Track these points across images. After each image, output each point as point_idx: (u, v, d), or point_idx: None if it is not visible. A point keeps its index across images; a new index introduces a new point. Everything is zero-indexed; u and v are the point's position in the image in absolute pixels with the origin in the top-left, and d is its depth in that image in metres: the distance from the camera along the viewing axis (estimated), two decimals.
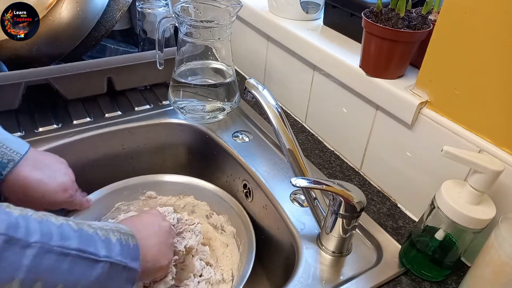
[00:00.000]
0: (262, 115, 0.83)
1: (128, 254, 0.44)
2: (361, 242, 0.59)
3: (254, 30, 0.90)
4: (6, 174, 0.52)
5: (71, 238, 0.39)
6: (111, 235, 0.44)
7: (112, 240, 0.43)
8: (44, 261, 0.36)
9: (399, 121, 0.61)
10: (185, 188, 0.72)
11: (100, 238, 0.42)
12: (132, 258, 0.45)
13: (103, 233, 0.43)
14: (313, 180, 0.51)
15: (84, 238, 0.40)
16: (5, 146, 0.52)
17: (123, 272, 0.43)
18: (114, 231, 0.45)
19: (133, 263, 0.44)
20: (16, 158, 0.53)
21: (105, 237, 0.43)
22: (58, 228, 0.38)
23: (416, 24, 0.57)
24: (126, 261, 0.43)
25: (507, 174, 0.48)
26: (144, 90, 0.88)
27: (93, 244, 0.41)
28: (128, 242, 0.45)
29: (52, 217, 0.40)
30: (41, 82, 0.72)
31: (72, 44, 0.75)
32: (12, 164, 0.52)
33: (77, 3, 0.72)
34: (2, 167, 0.51)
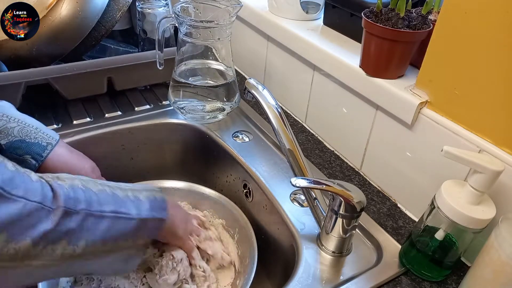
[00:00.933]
0: (262, 115, 0.83)
1: (156, 207, 0.50)
2: (361, 242, 0.59)
3: (254, 30, 0.90)
4: (46, 156, 0.58)
5: (107, 203, 0.45)
6: (139, 195, 0.49)
7: (141, 198, 0.49)
8: (87, 224, 0.42)
9: (399, 121, 0.61)
10: (183, 193, 0.72)
11: (130, 199, 0.48)
12: (159, 208, 0.50)
13: (133, 194, 0.49)
14: (313, 180, 0.51)
15: (118, 201, 0.46)
16: (42, 131, 0.59)
17: (153, 222, 0.49)
18: (141, 191, 0.50)
19: (160, 213, 0.50)
20: (53, 141, 0.59)
21: (135, 197, 0.48)
22: (96, 195, 0.44)
23: (416, 24, 0.57)
24: (155, 213, 0.49)
25: (507, 174, 0.48)
26: (144, 90, 0.88)
27: (124, 205, 0.46)
28: (155, 196, 0.51)
29: (92, 183, 0.46)
30: (41, 82, 0.72)
31: (72, 44, 0.75)
32: (50, 147, 0.58)
33: (77, 3, 0.72)
34: (42, 150, 0.57)
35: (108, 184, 0.48)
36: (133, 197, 0.49)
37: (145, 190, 0.51)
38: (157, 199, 0.51)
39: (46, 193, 0.39)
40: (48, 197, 0.39)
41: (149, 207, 0.49)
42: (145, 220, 0.48)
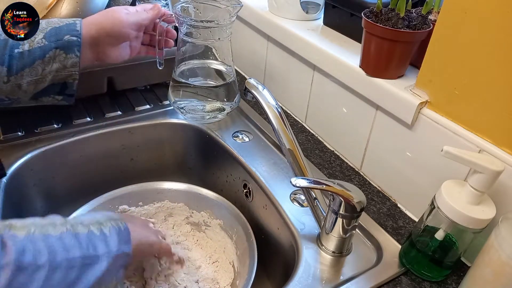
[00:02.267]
0: (262, 115, 0.83)
1: (122, 239, 0.45)
2: (361, 242, 0.59)
3: (254, 30, 0.90)
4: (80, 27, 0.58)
5: (73, 247, 0.39)
6: (103, 227, 0.44)
7: (106, 233, 0.44)
8: (54, 277, 0.37)
9: (399, 121, 0.61)
10: (180, 194, 0.72)
11: (95, 235, 0.43)
12: (125, 240, 0.46)
13: (96, 228, 0.44)
14: (313, 180, 0.51)
15: (84, 241, 0.41)
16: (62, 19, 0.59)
17: (121, 258, 0.45)
18: (105, 222, 0.45)
19: (127, 246, 0.45)
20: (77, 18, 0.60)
21: (100, 232, 0.43)
22: (59, 241, 0.39)
23: (416, 24, 0.57)
24: (122, 248, 0.45)
25: (507, 174, 0.48)
26: (144, 90, 0.88)
27: (92, 245, 0.41)
28: (119, 226, 0.46)
29: (51, 227, 0.40)
30: None
31: None
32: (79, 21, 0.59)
33: (77, 3, 0.72)
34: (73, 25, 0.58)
35: (69, 223, 0.42)
36: (99, 232, 0.43)
37: (108, 220, 0.46)
38: (121, 230, 0.46)
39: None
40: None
41: (117, 240, 0.44)
42: (115, 256, 0.43)
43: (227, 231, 0.68)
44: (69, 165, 0.73)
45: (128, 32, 0.62)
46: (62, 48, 0.57)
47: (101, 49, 0.61)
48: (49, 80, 0.58)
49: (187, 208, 0.72)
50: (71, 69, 0.58)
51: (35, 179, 0.69)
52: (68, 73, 0.59)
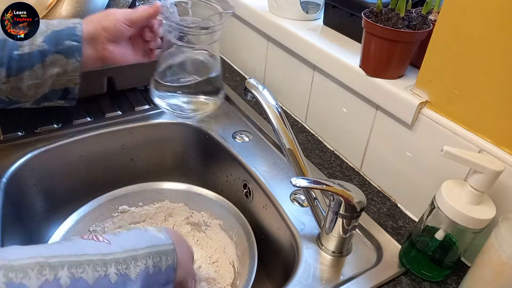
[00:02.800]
0: (262, 115, 0.83)
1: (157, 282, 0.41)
2: (361, 242, 0.59)
3: (254, 30, 0.90)
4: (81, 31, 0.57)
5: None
6: (138, 269, 0.39)
7: (132, 277, 0.38)
8: None
9: (399, 121, 0.61)
10: (180, 195, 0.72)
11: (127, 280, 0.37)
12: (163, 284, 0.42)
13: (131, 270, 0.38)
14: (313, 180, 0.51)
15: None
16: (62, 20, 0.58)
17: None
18: (143, 258, 0.40)
19: None
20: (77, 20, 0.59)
21: (134, 277, 0.38)
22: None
23: (416, 24, 0.57)
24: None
25: (507, 174, 0.48)
26: (144, 90, 0.88)
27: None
28: (159, 267, 0.41)
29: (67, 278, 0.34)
30: None
31: None
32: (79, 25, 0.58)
33: (77, 3, 0.72)
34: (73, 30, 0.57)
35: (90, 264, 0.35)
36: (119, 275, 0.37)
37: (150, 257, 0.40)
38: (161, 272, 0.41)
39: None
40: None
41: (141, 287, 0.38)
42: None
43: (227, 231, 0.68)
44: (69, 165, 0.73)
45: (122, 27, 0.60)
46: (63, 53, 0.56)
47: (100, 46, 0.60)
48: (49, 84, 0.58)
49: (187, 208, 0.72)
50: (72, 74, 0.58)
51: (35, 179, 0.69)
52: (69, 78, 0.58)
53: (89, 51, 0.59)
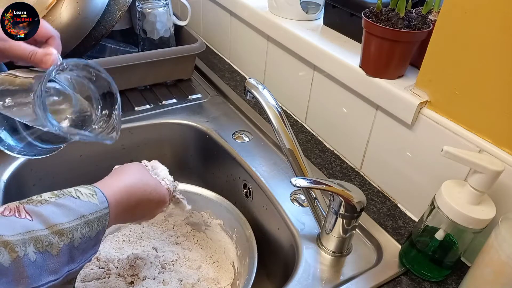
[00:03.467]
0: (262, 115, 0.83)
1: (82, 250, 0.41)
2: (361, 242, 0.59)
3: (254, 30, 0.90)
4: None
5: None
6: None
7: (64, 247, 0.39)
8: None
9: (399, 121, 0.61)
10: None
11: None
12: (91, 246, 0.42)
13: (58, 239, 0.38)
14: (313, 180, 0.51)
15: None
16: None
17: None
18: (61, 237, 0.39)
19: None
20: None
21: None
22: None
23: (416, 24, 0.57)
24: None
25: (507, 174, 0.48)
26: (144, 90, 0.88)
27: None
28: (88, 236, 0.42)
29: None
30: None
31: (72, 44, 0.75)
32: None
33: (77, 3, 0.72)
34: None
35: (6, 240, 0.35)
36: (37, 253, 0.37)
37: (79, 228, 0.41)
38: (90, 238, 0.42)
39: None
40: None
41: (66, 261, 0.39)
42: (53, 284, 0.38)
43: (227, 231, 0.68)
44: (69, 165, 0.73)
45: None
46: None
47: None
48: None
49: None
50: None
51: (35, 179, 0.69)
52: None
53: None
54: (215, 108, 0.85)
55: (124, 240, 0.70)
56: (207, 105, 0.86)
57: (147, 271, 0.62)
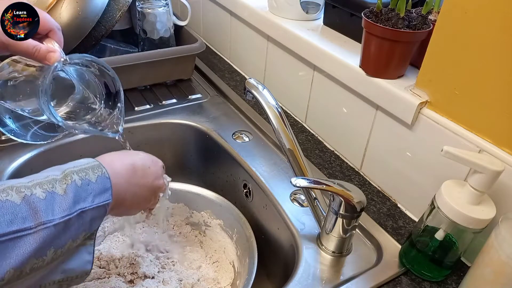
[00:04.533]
0: (262, 115, 0.83)
1: (92, 192, 0.41)
2: (361, 242, 0.59)
3: (254, 30, 0.90)
4: None
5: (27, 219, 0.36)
6: (57, 185, 0.39)
7: (59, 192, 0.39)
8: None
9: (399, 121, 0.61)
10: (179, 194, 0.71)
11: (39, 198, 0.38)
12: (100, 193, 0.42)
13: (48, 187, 0.39)
14: (313, 180, 0.51)
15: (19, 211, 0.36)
16: None
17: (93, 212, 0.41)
18: (71, 173, 0.41)
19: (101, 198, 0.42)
20: None
21: (49, 192, 0.38)
22: None
23: (416, 24, 0.57)
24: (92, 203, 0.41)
25: (507, 174, 0.48)
26: (144, 90, 0.88)
27: (51, 210, 0.37)
28: (88, 178, 0.42)
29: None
30: None
31: (72, 44, 0.75)
32: None
33: (77, 3, 0.72)
34: None
35: (11, 185, 0.37)
36: (46, 192, 0.38)
37: (76, 173, 0.41)
38: (92, 183, 0.42)
39: None
40: None
41: (83, 196, 0.40)
42: (78, 216, 0.39)
43: (227, 231, 0.68)
44: None
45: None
46: None
47: None
48: None
49: (187, 208, 0.72)
50: None
51: None
52: None
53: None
54: (215, 108, 0.85)
55: (124, 240, 0.70)
56: (207, 105, 0.86)
57: (147, 270, 0.62)
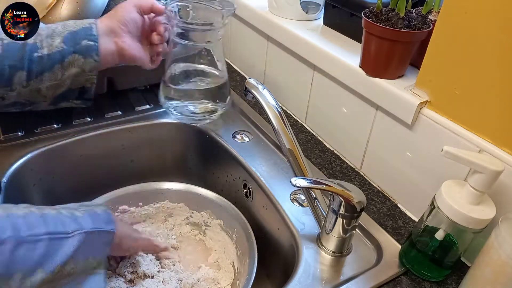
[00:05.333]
0: (262, 115, 0.83)
1: (99, 220, 0.47)
2: (361, 242, 0.59)
3: (254, 30, 0.90)
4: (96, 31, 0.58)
5: (39, 225, 0.41)
6: (75, 212, 0.46)
7: (78, 214, 0.46)
8: (20, 252, 0.38)
9: (399, 121, 0.61)
10: (180, 195, 0.72)
11: (66, 215, 0.44)
12: (105, 222, 0.48)
13: (67, 211, 0.45)
14: (313, 180, 0.51)
15: (50, 220, 0.43)
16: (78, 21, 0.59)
17: (99, 236, 0.46)
18: (77, 208, 0.47)
19: (108, 226, 0.48)
20: (92, 20, 0.59)
21: (71, 214, 0.45)
22: (23, 219, 0.40)
23: (416, 24, 0.57)
24: (100, 226, 0.47)
25: (507, 174, 0.48)
26: (144, 90, 0.88)
27: (60, 223, 0.43)
28: (95, 211, 0.48)
29: (14, 208, 0.42)
30: None
31: None
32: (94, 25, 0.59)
33: (77, 3, 0.72)
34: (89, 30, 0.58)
35: (35, 206, 0.44)
36: (69, 214, 0.45)
37: (82, 206, 0.49)
38: (98, 213, 0.48)
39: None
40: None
41: (91, 220, 0.46)
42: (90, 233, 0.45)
43: (227, 231, 0.68)
44: (69, 165, 0.73)
45: (134, 15, 0.62)
46: (80, 53, 0.57)
47: (118, 38, 0.61)
48: (67, 84, 0.58)
49: (187, 208, 0.72)
50: (89, 73, 0.59)
51: (35, 179, 0.69)
52: (87, 77, 0.59)
53: (108, 45, 0.59)
54: None
55: None
56: None
57: (147, 270, 0.62)
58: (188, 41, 0.71)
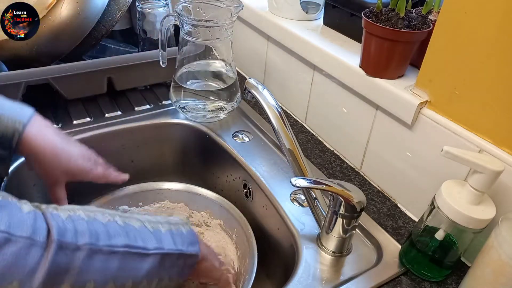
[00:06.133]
0: (262, 115, 0.83)
1: (183, 241, 0.44)
2: (361, 242, 0.59)
3: (254, 30, 0.90)
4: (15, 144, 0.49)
5: (118, 235, 0.39)
6: (160, 226, 0.43)
7: (162, 230, 0.43)
8: (94, 262, 0.36)
9: (399, 121, 0.61)
10: (180, 195, 0.72)
11: (149, 230, 0.42)
12: (188, 243, 0.45)
13: (152, 226, 0.43)
14: (313, 180, 0.51)
15: (132, 233, 0.40)
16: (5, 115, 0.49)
17: (179, 260, 0.43)
18: (163, 223, 0.44)
19: (190, 248, 0.45)
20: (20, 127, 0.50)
21: (154, 229, 0.42)
22: (104, 227, 0.38)
23: (416, 24, 0.57)
24: (182, 248, 0.44)
25: (507, 174, 0.48)
26: (144, 90, 0.88)
27: (141, 238, 0.40)
28: (180, 229, 0.45)
29: (99, 213, 0.40)
30: (41, 82, 0.72)
31: (72, 44, 0.75)
32: (17, 134, 0.49)
33: (77, 3, 0.72)
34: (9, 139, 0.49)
35: (120, 214, 0.42)
36: (152, 228, 0.42)
37: (168, 223, 0.45)
38: (182, 232, 0.45)
39: (39, 225, 0.34)
40: (40, 230, 0.34)
41: (173, 241, 0.43)
42: (169, 255, 0.42)
43: (227, 231, 0.68)
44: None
45: None
46: None
47: None
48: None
49: (187, 208, 0.72)
50: None
51: (35, 179, 0.69)
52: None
53: None
54: None
55: None
56: None
57: None
58: (197, 39, 0.71)
